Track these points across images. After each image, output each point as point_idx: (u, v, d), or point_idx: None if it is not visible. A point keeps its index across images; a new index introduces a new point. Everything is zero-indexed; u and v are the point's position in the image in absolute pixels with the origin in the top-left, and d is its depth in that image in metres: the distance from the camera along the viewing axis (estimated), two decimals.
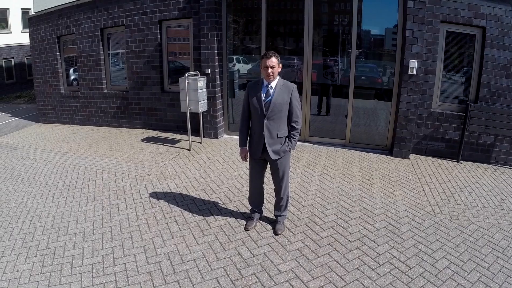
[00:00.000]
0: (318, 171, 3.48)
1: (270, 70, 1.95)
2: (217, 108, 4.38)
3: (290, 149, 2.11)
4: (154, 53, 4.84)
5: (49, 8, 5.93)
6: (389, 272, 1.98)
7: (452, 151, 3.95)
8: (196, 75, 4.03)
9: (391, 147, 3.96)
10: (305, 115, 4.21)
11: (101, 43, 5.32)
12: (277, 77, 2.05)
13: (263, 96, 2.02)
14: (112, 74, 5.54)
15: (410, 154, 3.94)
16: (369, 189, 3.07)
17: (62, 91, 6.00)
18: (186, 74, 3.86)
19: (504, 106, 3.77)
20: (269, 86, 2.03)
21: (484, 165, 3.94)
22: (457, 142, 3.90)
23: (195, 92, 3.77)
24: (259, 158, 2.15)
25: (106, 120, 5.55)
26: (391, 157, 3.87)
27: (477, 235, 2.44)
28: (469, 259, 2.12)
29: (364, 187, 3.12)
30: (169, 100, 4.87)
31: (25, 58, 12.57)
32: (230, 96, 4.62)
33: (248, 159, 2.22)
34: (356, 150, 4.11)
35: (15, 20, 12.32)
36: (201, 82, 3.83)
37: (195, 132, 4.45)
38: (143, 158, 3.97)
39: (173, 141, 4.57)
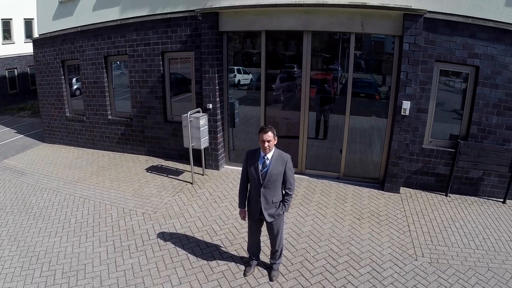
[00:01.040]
0: (312, 209, 3.82)
1: (266, 144, 2.27)
2: (218, 141, 4.72)
3: (283, 212, 2.44)
4: (157, 84, 5.16)
5: (53, 31, 6.21)
6: None
7: (441, 184, 4.28)
8: (198, 111, 4.37)
9: (383, 181, 4.29)
10: (302, 146, 4.53)
11: (105, 70, 5.64)
12: (273, 149, 2.36)
13: (260, 167, 2.34)
14: (116, 100, 5.85)
15: (401, 188, 4.28)
16: (358, 230, 3.42)
17: (67, 115, 6.36)
18: (189, 113, 4.19)
19: (493, 143, 4.08)
20: (266, 157, 2.35)
21: (472, 198, 4.28)
22: (446, 177, 4.23)
23: (197, 130, 4.10)
24: (257, 218, 2.49)
25: (111, 145, 5.93)
26: (382, 192, 4.22)
27: (452, 280, 2.78)
28: None
29: (354, 227, 3.47)
30: (172, 130, 5.22)
31: (28, 68, 12.99)
32: (230, 126, 4.96)
33: (246, 218, 2.56)
34: (349, 183, 4.44)
35: (18, 30, 12.62)
36: (203, 120, 4.15)
37: (197, 162, 4.79)
38: (149, 192, 4.33)
39: (177, 172, 4.93)
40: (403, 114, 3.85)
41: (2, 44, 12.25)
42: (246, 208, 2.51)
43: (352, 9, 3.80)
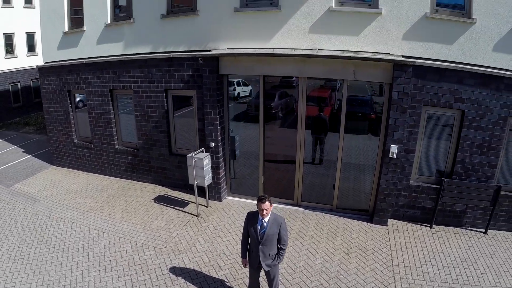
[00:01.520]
0: (305, 244, 4.33)
1: (264, 211, 2.75)
2: (220, 176, 5.22)
3: (278, 262, 2.95)
4: (162, 119, 5.64)
5: (59, 61, 6.63)
6: None
7: (426, 217, 4.76)
8: (202, 151, 4.84)
9: (372, 214, 4.77)
10: (298, 185, 5.00)
11: (111, 102, 6.10)
12: (269, 213, 2.84)
13: (259, 228, 2.83)
14: (123, 128, 6.28)
15: (389, 220, 4.77)
16: (346, 265, 3.93)
17: (75, 141, 6.87)
18: (193, 153, 4.67)
19: (476, 180, 4.53)
20: (263, 220, 2.83)
21: (456, 229, 4.76)
22: (431, 210, 4.70)
23: (201, 169, 4.61)
24: (256, 267, 2.99)
25: (119, 172, 6.44)
26: (371, 225, 4.71)
27: None
28: None
29: (342, 262, 3.98)
30: (177, 162, 5.73)
31: (31, 81, 13.51)
32: (231, 158, 5.43)
33: (248, 266, 3.07)
34: (341, 216, 4.94)
35: (20, 44, 13.08)
36: (206, 160, 4.65)
37: (201, 192, 5.25)
38: (158, 225, 4.85)
39: (182, 204, 5.46)
40: (391, 156, 4.31)
41: (5, 58, 12.69)
42: (247, 258, 3.03)
43: (344, 57, 4.20)
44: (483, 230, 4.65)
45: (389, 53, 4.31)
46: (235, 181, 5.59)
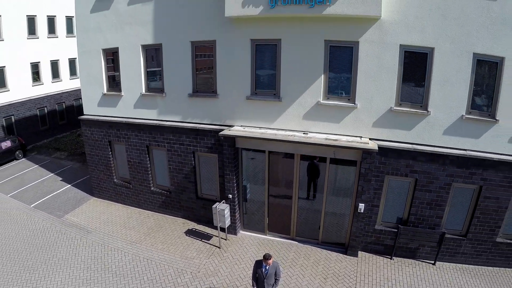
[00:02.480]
0: (296, 270, 6.46)
1: (268, 262, 4.85)
2: (236, 217, 7.37)
3: (276, 285, 5.05)
4: (190, 173, 7.73)
5: (100, 115, 8.57)
6: None
7: (388, 251, 6.85)
8: (223, 203, 6.92)
9: (347, 248, 6.85)
10: (293, 223, 7.07)
11: (147, 156, 8.16)
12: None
13: (264, 270, 4.95)
14: (157, 175, 8.34)
15: (360, 252, 6.87)
16: (323, 287, 6.02)
17: (115, 181, 9.01)
18: (217, 205, 6.76)
19: (426, 227, 6.52)
20: (267, 267, 4.96)
21: (410, 260, 6.82)
22: (392, 246, 6.78)
23: (223, 216, 6.73)
24: None
25: (154, 208, 8.60)
26: (345, 256, 6.84)
27: None
28: None
29: (320, 284, 6.11)
30: (202, 204, 7.87)
31: (56, 105, 15.73)
32: (243, 201, 7.48)
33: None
34: (324, 248, 7.05)
35: (45, 72, 15.12)
36: (226, 210, 6.77)
37: (222, 227, 7.30)
38: (191, 255, 7.03)
39: (207, 237, 7.63)
40: (359, 211, 6.32)
41: (32, 86, 14.76)
42: (254, 283, 5.16)
43: (326, 145, 6.07)
44: (432, 262, 6.69)
45: (361, 137, 6.25)
46: (246, 217, 7.71)
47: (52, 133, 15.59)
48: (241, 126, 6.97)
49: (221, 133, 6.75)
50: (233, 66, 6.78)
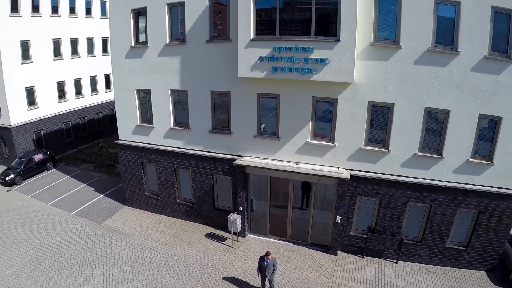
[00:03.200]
0: (289, 265, 9.39)
1: (268, 257, 7.78)
2: (245, 224, 10.28)
3: (273, 275, 7.95)
4: (209, 190, 10.61)
5: (134, 141, 11.28)
6: None
7: (361, 251, 9.72)
8: (236, 213, 9.75)
9: (329, 248, 9.70)
10: (288, 228, 9.81)
11: (174, 175, 10.98)
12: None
13: (265, 263, 7.90)
14: (182, 190, 11.19)
15: (338, 252, 9.69)
16: (308, 277, 8.94)
17: (146, 193, 11.86)
18: (231, 215, 9.60)
19: (388, 234, 9.31)
20: (267, 260, 7.92)
21: (378, 259, 9.63)
22: (363, 248, 9.55)
23: (235, 224, 9.58)
24: (264, 277, 8.01)
25: (179, 215, 11.52)
26: (327, 254, 9.75)
27: None
28: None
29: (307, 275, 9.00)
30: (218, 214, 10.78)
31: (80, 119, 18.80)
32: (251, 211, 10.09)
33: (260, 276, 8.10)
34: (312, 248, 9.95)
35: (69, 89, 18.10)
36: (238, 219, 9.63)
37: (234, 232, 10.21)
38: (211, 252, 9.95)
39: (223, 239, 10.55)
40: (337, 222, 9.06)
41: (59, 102, 17.49)
42: (259, 275, 8.04)
43: (312, 175, 8.88)
44: (395, 261, 9.48)
45: (338, 167, 8.89)
46: (252, 223, 10.62)
47: (76, 145, 18.66)
48: (250, 156, 9.82)
49: (234, 162, 9.64)
50: (243, 112, 9.57)
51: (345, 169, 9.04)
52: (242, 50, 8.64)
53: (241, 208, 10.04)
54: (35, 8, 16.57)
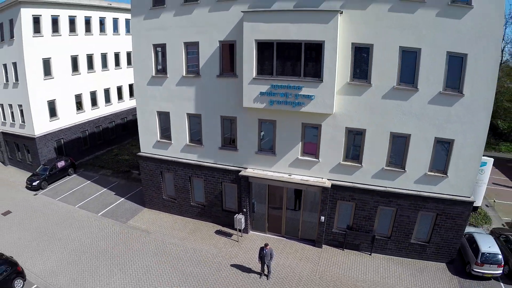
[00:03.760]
0: (283, 256, 12.67)
1: (267, 247, 10.90)
2: (248, 223, 13.52)
3: (271, 261, 11.14)
4: (218, 195, 13.79)
5: (154, 153, 14.03)
6: None
7: (341, 245, 13.00)
8: (241, 214, 12.70)
9: (315, 243, 12.91)
10: (283, 225, 12.72)
11: (189, 182, 13.97)
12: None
13: (264, 252, 11.11)
14: (195, 195, 14.31)
15: (323, 245, 12.93)
16: (298, 264, 12.17)
17: (164, 197, 14.70)
18: (237, 215, 12.70)
19: (363, 231, 12.48)
20: (266, 250, 11.14)
21: (355, 251, 12.84)
22: (343, 242, 12.76)
23: (240, 222, 12.73)
24: (263, 263, 11.16)
25: (192, 215, 14.67)
26: (314, 247, 12.99)
27: None
28: None
29: (296, 263, 12.26)
30: (225, 215, 13.99)
31: (95, 128, 21.86)
32: (252, 212, 12.85)
33: (260, 263, 11.25)
34: (301, 242, 13.22)
35: (86, 101, 21.28)
36: (242, 218, 12.80)
37: (239, 229, 13.29)
38: (220, 246, 13.19)
39: (229, 235, 13.79)
40: (321, 221, 11.97)
41: (76, 113, 20.22)
42: (259, 261, 11.19)
43: (301, 184, 11.97)
44: (369, 253, 12.48)
45: (322, 178, 11.72)
46: (254, 222, 13.81)
47: (92, 151, 21.77)
48: (252, 168, 12.94)
49: (240, 173, 12.81)
50: (247, 133, 12.64)
51: (328, 179, 12.17)
52: (246, 85, 11.66)
53: (244, 210, 13.19)
54: (55, 28, 19.31)
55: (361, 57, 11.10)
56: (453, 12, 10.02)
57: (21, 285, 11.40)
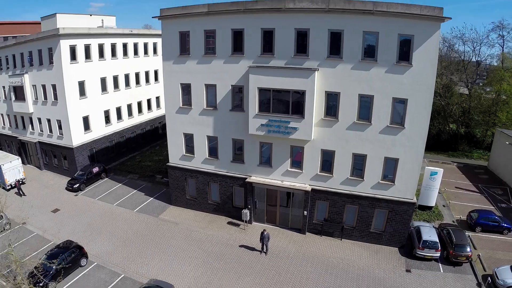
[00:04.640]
0: (276, 240, 19.89)
1: (266, 232, 17.44)
2: (251, 216, 20.70)
3: (268, 242, 18.12)
4: (230, 195, 20.81)
5: (180, 164, 20.73)
6: None
7: (319, 232, 20.19)
8: (247, 209, 19.30)
9: (301, 230, 20.11)
10: (277, 218, 19.20)
11: (207, 186, 21.06)
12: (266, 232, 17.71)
13: (263, 235, 18.10)
14: (212, 195, 21.11)
15: (307, 232, 19.80)
16: (287, 247, 19.23)
17: (187, 197, 20.79)
18: (243, 210, 19.68)
19: (336, 222, 19.38)
20: (265, 233, 18.16)
21: (330, 238, 20.00)
22: (321, 230, 19.91)
23: (246, 215, 19.79)
24: (263, 243, 17.89)
25: (209, 211, 21.94)
26: (300, 234, 20.23)
27: None
28: None
29: (286, 245, 19.36)
30: (235, 210, 21.15)
31: (120, 138, 28.33)
32: (255, 208, 19.39)
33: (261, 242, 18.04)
34: (290, 230, 20.50)
35: (113, 115, 27.93)
36: (248, 213, 19.86)
37: (245, 221, 20.25)
38: (232, 233, 20.45)
39: (238, 224, 21.11)
40: (305, 215, 19.24)
41: (105, 126, 26.20)
42: (261, 241, 18.13)
43: (290, 188, 18.75)
44: (340, 239, 19.50)
45: (305, 184, 18.30)
46: (256, 215, 20.87)
47: (117, 158, 28.35)
48: (255, 176, 19.76)
49: (246, 180, 19.81)
50: (252, 151, 19.44)
51: (309, 185, 19.05)
52: (251, 119, 18.25)
53: (249, 206, 20.04)
54: (88, 55, 24.86)
55: (332, 101, 17.69)
56: (397, 69, 16.31)
57: (85, 263, 17.75)
